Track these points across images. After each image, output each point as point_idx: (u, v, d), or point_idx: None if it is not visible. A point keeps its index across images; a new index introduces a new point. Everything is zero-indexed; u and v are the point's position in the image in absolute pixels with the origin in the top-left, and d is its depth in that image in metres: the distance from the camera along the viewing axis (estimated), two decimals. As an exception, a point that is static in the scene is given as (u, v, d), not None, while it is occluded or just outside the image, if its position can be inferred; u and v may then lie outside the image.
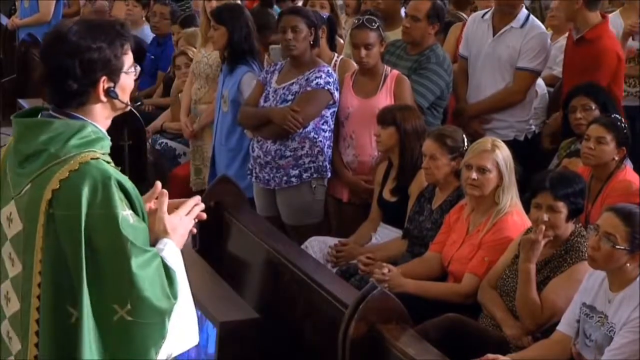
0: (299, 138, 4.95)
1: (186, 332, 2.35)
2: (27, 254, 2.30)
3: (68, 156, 2.26)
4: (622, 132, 4.39)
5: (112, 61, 2.31)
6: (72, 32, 2.29)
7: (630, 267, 3.33)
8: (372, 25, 4.96)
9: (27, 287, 2.29)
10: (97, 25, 2.34)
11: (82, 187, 2.22)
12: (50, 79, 2.33)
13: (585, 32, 5.23)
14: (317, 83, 4.91)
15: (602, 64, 5.19)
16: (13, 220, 2.34)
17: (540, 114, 5.89)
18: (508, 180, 4.08)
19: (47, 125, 2.30)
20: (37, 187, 2.28)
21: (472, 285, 3.99)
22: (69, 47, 2.28)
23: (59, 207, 2.24)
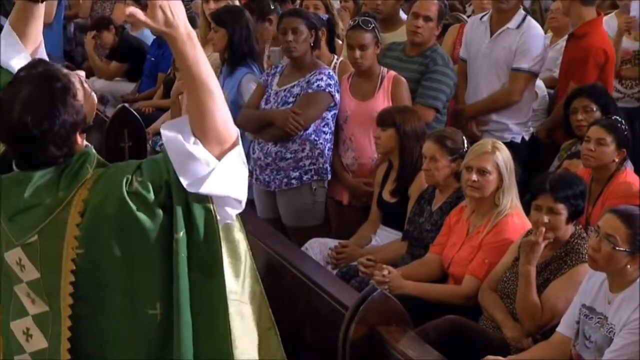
0: (299, 140, 4.95)
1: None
2: (52, 298, 2.27)
3: (67, 199, 2.24)
4: (623, 134, 4.39)
5: (76, 121, 2.25)
6: (31, 128, 2.18)
7: (631, 268, 3.33)
8: (367, 26, 4.96)
9: (56, 329, 2.28)
10: (44, 102, 2.21)
11: (103, 209, 2.21)
12: (31, 164, 2.27)
13: (577, 28, 5.25)
14: (318, 85, 4.91)
15: (589, 60, 5.25)
16: (25, 267, 2.30)
17: (540, 115, 5.89)
18: (508, 182, 4.08)
19: (29, 178, 2.26)
20: (50, 238, 2.24)
21: (472, 287, 3.99)
22: (35, 139, 2.20)
23: (91, 243, 2.22)
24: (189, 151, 2.14)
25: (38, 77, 2.23)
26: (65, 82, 2.24)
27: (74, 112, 2.24)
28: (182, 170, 2.16)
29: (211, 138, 2.18)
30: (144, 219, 2.18)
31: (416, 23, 5.21)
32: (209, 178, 2.16)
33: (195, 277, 2.21)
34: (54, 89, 2.23)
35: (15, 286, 2.34)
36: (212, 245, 2.21)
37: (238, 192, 2.23)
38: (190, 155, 2.15)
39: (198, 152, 2.15)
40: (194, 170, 2.15)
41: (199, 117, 2.17)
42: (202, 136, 2.17)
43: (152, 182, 2.20)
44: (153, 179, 2.20)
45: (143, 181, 2.20)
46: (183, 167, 2.16)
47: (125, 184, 2.20)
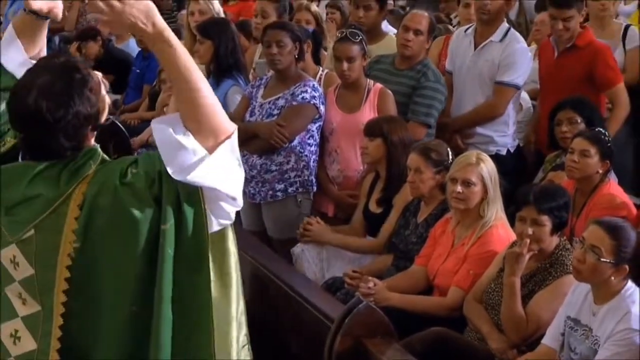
0: (284, 152, 4.96)
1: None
2: (44, 296, 2.26)
3: (67, 192, 2.23)
4: (606, 146, 4.41)
5: (90, 114, 2.26)
6: (44, 112, 2.20)
7: (615, 280, 3.35)
8: (355, 38, 4.98)
9: (47, 328, 2.26)
10: (60, 91, 2.22)
11: (99, 201, 2.20)
12: (38, 152, 2.28)
13: (576, 40, 5.27)
14: (303, 97, 4.92)
15: (607, 60, 5.25)
16: (19, 263, 2.28)
17: (524, 127, 5.91)
18: (493, 193, 4.09)
19: (31, 168, 2.26)
20: (47, 232, 2.23)
21: (458, 298, 4.00)
22: (47, 126, 2.21)
23: (87, 235, 2.20)
24: (177, 140, 2.13)
25: (58, 66, 2.26)
26: (84, 75, 2.27)
27: (89, 105, 2.25)
28: (169, 158, 2.14)
29: (204, 130, 2.16)
30: (135, 211, 2.16)
31: (406, 36, 5.22)
32: (197, 167, 2.14)
33: (179, 272, 2.19)
34: (72, 79, 2.24)
35: (6, 287, 2.32)
36: (199, 239, 2.19)
37: (229, 186, 2.20)
38: (179, 144, 2.13)
39: (186, 141, 2.14)
40: (182, 158, 2.13)
41: (188, 108, 2.16)
42: (195, 128, 2.15)
43: (145, 174, 2.19)
44: (147, 170, 2.19)
45: (137, 172, 2.19)
46: (170, 155, 2.14)
47: (120, 175, 2.19)
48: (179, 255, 2.19)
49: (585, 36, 5.33)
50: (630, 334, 3.26)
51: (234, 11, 7.51)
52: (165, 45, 2.15)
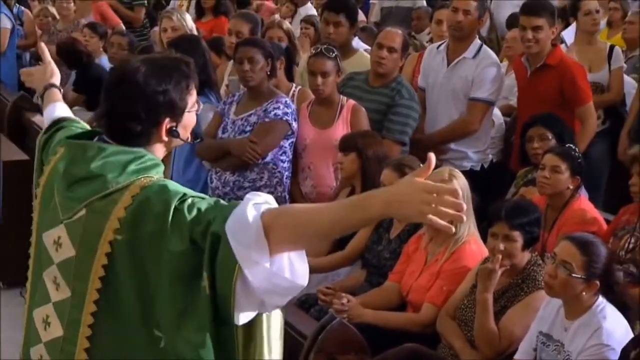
0: (257, 169, 4.97)
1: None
2: (78, 280, 2.24)
3: (128, 182, 2.22)
4: (577, 162, 4.46)
5: (176, 103, 2.29)
6: (139, 74, 2.25)
7: (586, 295, 3.38)
8: (329, 54, 5.01)
9: (75, 315, 2.24)
10: (163, 66, 2.30)
11: (152, 203, 2.17)
12: (112, 118, 2.30)
13: (547, 59, 5.33)
14: (275, 114, 4.93)
15: (578, 78, 5.31)
16: (62, 244, 2.28)
17: (497, 143, 5.96)
18: (465, 209, 4.10)
19: (102, 150, 2.27)
20: (96, 214, 2.22)
21: (431, 314, 4.01)
22: (135, 89, 2.25)
23: (130, 233, 2.18)
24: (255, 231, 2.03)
25: (173, 56, 2.40)
26: (190, 73, 2.35)
27: (180, 95, 2.30)
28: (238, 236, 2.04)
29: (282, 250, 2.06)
30: (172, 239, 2.12)
31: (380, 54, 5.26)
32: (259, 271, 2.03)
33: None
34: (178, 67, 2.32)
35: (44, 271, 2.32)
36: (227, 301, 2.09)
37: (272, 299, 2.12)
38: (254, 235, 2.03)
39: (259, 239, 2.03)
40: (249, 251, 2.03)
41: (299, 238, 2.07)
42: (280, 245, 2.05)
43: (198, 212, 2.13)
44: (202, 210, 2.13)
45: (193, 205, 2.15)
46: (242, 236, 2.04)
47: (179, 198, 2.16)
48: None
49: (556, 54, 5.40)
50: (601, 349, 3.28)
51: (207, 28, 7.52)
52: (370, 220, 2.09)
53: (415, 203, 1.98)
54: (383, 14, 8.78)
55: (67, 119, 2.72)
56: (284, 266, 2.06)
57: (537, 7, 5.40)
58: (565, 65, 5.37)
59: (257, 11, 8.29)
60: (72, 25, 8.50)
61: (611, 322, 3.33)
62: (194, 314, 2.12)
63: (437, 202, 1.97)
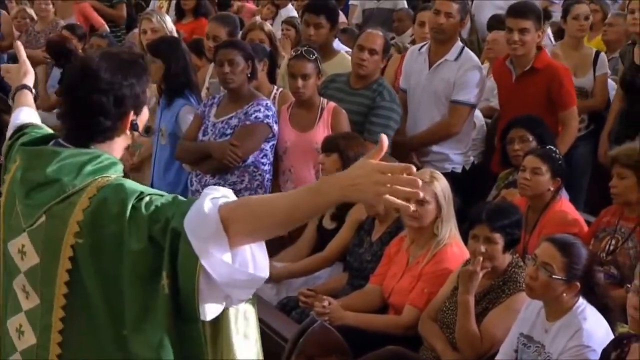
0: (238, 172, 4.97)
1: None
2: (45, 287, 2.24)
3: (85, 184, 2.22)
4: (557, 163, 4.49)
5: (140, 97, 2.32)
6: (102, 69, 2.27)
7: (567, 297, 3.41)
8: (310, 56, 5.02)
9: (45, 322, 2.24)
10: (125, 60, 2.33)
11: (109, 204, 2.17)
12: (79, 115, 2.30)
13: (533, 63, 5.36)
14: (256, 117, 4.94)
15: (565, 82, 5.35)
16: (27, 253, 2.28)
17: (478, 145, 5.99)
18: (447, 211, 4.13)
19: (57, 154, 2.27)
20: (56, 219, 2.22)
21: (413, 317, 4.03)
22: (102, 84, 2.26)
23: (90, 235, 2.18)
24: (214, 225, 2.03)
25: (126, 50, 2.42)
26: (146, 66, 2.38)
27: (142, 88, 2.32)
28: (196, 231, 2.04)
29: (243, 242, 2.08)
30: (131, 239, 2.12)
31: (361, 56, 5.27)
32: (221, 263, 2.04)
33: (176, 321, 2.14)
34: (136, 61, 2.35)
35: (14, 280, 2.32)
36: (190, 299, 2.09)
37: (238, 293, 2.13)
38: (213, 229, 2.03)
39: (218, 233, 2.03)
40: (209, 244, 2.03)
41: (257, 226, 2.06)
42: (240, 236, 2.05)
43: (155, 209, 2.13)
44: (159, 206, 2.14)
45: (150, 202, 2.15)
46: (199, 231, 2.04)
47: (136, 197, 2.16)
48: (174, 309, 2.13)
49: (543, 58, 5.43)
50: (582, 350, 3.31)
51: (187, 29, 7.51)
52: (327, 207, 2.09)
53: (371, 184, 1.96)
54: (365, 16, 8.79)
55: (30, 124, 2.69)
56: (247, 260, 2.07)
57: (524, 9, 5.43)
58: (553, 69, 5.40)
59: (237, 13, 8.29)
60: (51, 26, 8.47)
61: (591, 323, 3.36)
62: (152, 313, 2.12)
63: (392, 182, 1.95)
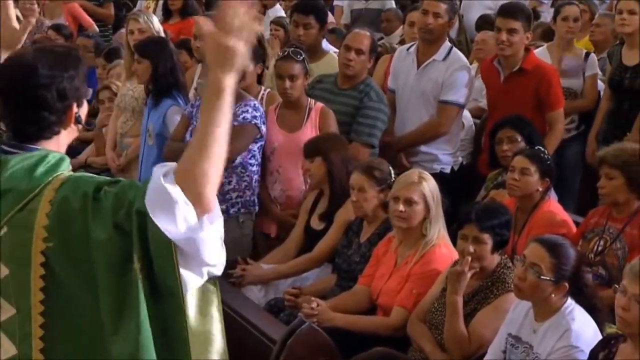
0: (226, 173, 4.93)
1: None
2: (20, 297, 2.23)
3: (40, 187, 2.21)
4: (546, 164, 4.50)
5: (80, 88, 2.32)
6: (41, 63, 2.26)
7: (555, 297, 3.42)
8: (297, 57, 5.03)
9: (25, 331, 2.23)
10: (61, 54, 2.33)
11: (70, 202, 2.18)
12: (22, 113, 2.28)
13: (522, 64, 5.38)
14: (244, 117, 4.93)
15: (554, 83, 5.40)
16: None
17: (467, 145, 6.01)
18: (435, 212, 4.15)
19: (4, 163, 2.26)
20: (19, 228, 2.21)
21: (401, 318, 4.03)
22: (42, 79, 2.25)
23: (58, 237, 2.18)
24: (167, 190, 2.07)
25: (60, 44, 2.35)
26: (82, 58, 2.36)
27: (82, 80, 2.31)
28: (156, 206, 2.08)
29: (197, 189, 2.10)
30: (97, 230, 2.14)
31: (348, 56, 5.27)
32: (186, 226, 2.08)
33: (155, 309, 2.17)
34: (70, 53, 2.35)
35: None
36: (171, 286, 2.13)
37: (210, 254, 2.17)
38: (168, 194, 2.07)
39: (176, 194, 2.08)
40: (170, 213, 2.06)
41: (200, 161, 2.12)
42: (192, 185, 2.10)
43: (115, 196, 2.15)
44: (119, 192, 2.16)
45: (110, 191, 2.16)
46: (159, 203, 2.08)
47: (94, 188, 2.17)
48: (152, 295, 2.15)
49: (532, 59, 5.46)
50: (570, 351, 3.33)
51: (174, 29, 7.50)
52: (222, 97, 2.13)
53: (223, 44, 2.07)
54: (353, 16, 8.81)
55: None
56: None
57: (514, 10, 5.47)
58: (541, 70, 5.43)
59: (225, 13, 8.27)
60: (36, 26, 8.45)
61: (580, 323, 3.37)
62: (129, 303, 2.13)
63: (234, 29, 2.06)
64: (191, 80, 5.95)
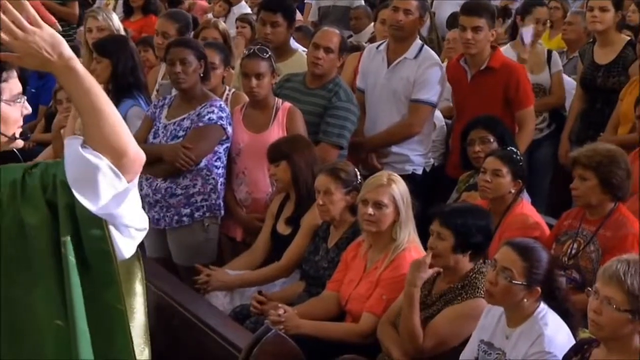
0: (190, 175, 4.95)
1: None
2: None
3: None
4: (518, 165, 4.53)
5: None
6: None
7: (527, 302, 3.44)
8: (263, 54, 5.02)
9: None
10: None
11: (3, 192, 2.18)
12: None
13: (489, 62, 5.41)
14: (210, 118, 4.92)
15: (523, 80, 5.43)
16: None
17: (438, 146, 6.03)
18: (405, 215, 4.15)
19: None
20: None
21: (370, 324, 4.04)
22: None
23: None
24: (86, 157, 2.12)
25: None
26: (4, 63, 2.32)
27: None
28: (76, 176, 2.13)
29: (109, 150, 2.18)
30: (29, 214, 2.15)
31: (317, 54, 5.28)
32: (107, 192, 2.13)
33: (88, 285, 2.18)
34: None
35: None
36: (104, 259, 2.18)
37: (134, 216, 2.20)
38: (87, 162, 2.12)
39: (96, 161, 2.14)
40: (90, 180, 2.12)
41: (95, 131, 2.17)
42: (102, 150, 2.16)
43: (40, 175, 2.18)
44: (42, 171, 2.19)
45: (34, 173, 2.19)
46: (78, 173, 2.13)
47: (22, 174, 2.19)
48: (84, 269, 2.17)
49: (498, 57, 5.50)
50: (543, 357, 3.34)
51: (135, 27, 7.47)
52: (71, 75, 2.15)
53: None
54: (321, 14, 8.82)
55: None
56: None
57: (478, 7, 5.49)
58: (509, 68, 5.46)
59: (189, 10, 8.27)
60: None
61: (553, 329, 3.40)
62: (67, 289, 2.16)
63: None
64: (154, 80, 5.93)
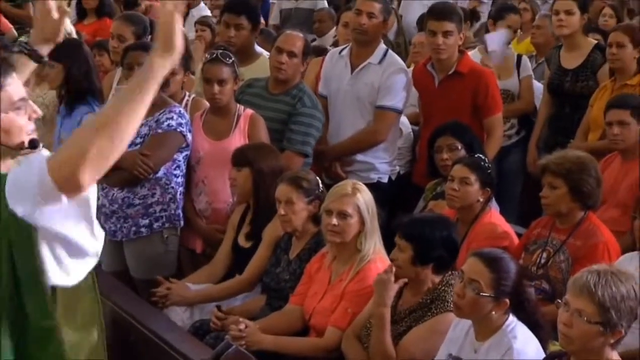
0: (148, 184, 4.90)
1: None
2: None
3: None
4: (487, 173, 4.53)
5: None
6: None
7: (496, 315, 3.43)
8: (226, 60, 4.99)
9: None
10: None
11: None
12: None
13: (457, 67, 5.42)
14: (169, 125, 4.88)
15: (491, 86, 5.47)
16: None
17: (405, 153, 6.03)
18: (370, 225, 4.14)
19: None
20: None
21: (335, 339, 4.02)
22: None
23: None
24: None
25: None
26: (9, 67, 2.39)
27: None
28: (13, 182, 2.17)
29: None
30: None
31: (280, 59, 5.25)
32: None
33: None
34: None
35: None
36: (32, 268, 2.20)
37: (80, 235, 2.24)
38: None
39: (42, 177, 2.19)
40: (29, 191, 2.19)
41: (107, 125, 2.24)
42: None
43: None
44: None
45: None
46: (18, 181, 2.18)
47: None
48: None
49: (467, 61, 5.51)
50: (513, 370, 3.35)
51: (89, 30, 7.42)
52: (159, 73, 2.33)
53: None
54: (282, 16, 8.80)
55: None
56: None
57: (447, 11, 5.49)
58: (477, 73, 5.48)
59: (146, 13, 8.20)
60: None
61: (522, 341, 3.39)
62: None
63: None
64: (109, 85, 5.87)
